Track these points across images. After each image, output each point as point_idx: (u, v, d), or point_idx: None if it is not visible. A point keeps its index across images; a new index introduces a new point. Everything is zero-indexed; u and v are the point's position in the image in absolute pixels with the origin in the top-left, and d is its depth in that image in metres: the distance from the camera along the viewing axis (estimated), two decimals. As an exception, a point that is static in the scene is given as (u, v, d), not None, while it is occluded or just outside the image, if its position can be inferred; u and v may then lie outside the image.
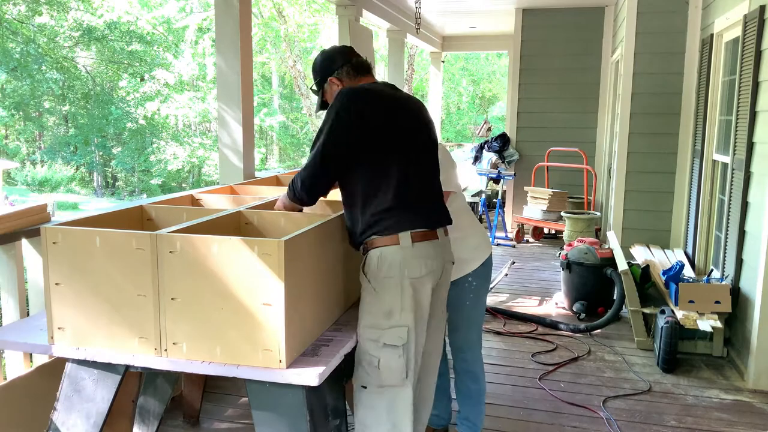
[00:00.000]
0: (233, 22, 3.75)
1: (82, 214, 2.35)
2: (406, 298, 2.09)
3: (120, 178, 22.67)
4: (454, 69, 21.96)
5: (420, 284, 2.12)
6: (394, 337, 2.08)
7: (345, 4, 5.99)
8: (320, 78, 2.30)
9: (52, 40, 18.44)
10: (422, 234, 2.11)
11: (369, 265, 2.12)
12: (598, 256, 4.69)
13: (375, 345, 2.09)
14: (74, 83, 19.91)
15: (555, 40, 7.76)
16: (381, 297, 2.10)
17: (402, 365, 2.08)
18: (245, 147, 3.91)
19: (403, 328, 2.09)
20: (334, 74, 2.26)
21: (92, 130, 20.20)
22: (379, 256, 2.10)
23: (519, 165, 8.03)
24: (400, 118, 2.16)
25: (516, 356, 3.98)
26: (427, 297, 2.15)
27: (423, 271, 2.11)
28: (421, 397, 2.41)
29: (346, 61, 2.27)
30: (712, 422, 3.14)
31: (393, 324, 2.08)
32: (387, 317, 2.09)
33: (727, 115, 4.46)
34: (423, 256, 2.11)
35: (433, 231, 2.15)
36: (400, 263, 2.08)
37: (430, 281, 2.15)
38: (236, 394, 3.34)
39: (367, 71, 2.29)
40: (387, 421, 2.12)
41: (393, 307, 2.09)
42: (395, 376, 2.09)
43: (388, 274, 2.09)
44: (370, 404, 2.13)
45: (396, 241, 2.08)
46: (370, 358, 2.10)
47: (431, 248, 2.14)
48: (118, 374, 2.03)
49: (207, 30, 17.20)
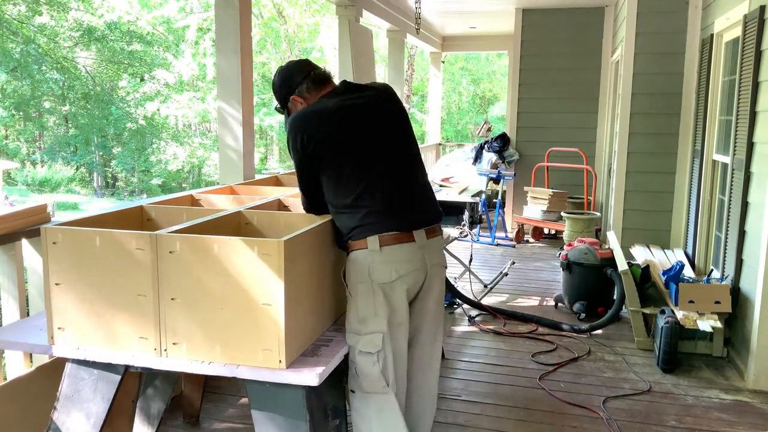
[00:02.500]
0: (233, 22, 3.75)
1: (82, 214, 2.35)
2: (379, 304, 2.05)
3: (120, 179, 22.66)
4: (454, 69, 21.96)
5: (390, 289, 2.06)
6: (369, 344, 2.04)
7: (345, 4, 5.99)
8: (282, 98, 2.27)
9: (52, 40, 18.44)
10: (393, 237, 2.05)
11: (346, 270, 2.12)
12: (598, 256, 4.69)
13: (353, 351, 2.08)
14: (74, 83, 19.90)
15: (555, 40, 7.76)
16: (356, 302, 2.08)
17: (377, 372, 2.05)
18: (245, 147, 3.91)
19: (378, 335, 2.05)
20: (295, 93, 2.22)
21: (92, 130, 20.20)
22: (352, 260, 2.09)
23: (519, 165, 8.03)
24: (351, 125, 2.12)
25: (516, 356, 3.98)
26: (402, 301, 2.10)
27: (392, 276, 2.05)
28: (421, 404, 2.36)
29: (304, 76, 2.22)
30: (712, 422, 3.14)
31: (369, 330, 2.05)
32: (363, 323, 2.06)
33: (727, 115, 4.46)
34: (392, 260, 2.05)
35: (408, 233, 2.08)
36: (369, 268, 2.05)
37: (403, 285, 2.09)
38: (236, 394, 3.34)
39: (327, 81, 2.24)
40: (378, 426, 2.09)
41: (367, 313, 2.06)
42: (374, 384, 2.06)
43: (359, 279, 2.07)
44: (360, 409, 2.12)
45: (365, 246, 2.05)
46: (352, 363, 2.09)
47: (403, 252, 2.07)
48: (118, 374, 2.03)
49: (207, 30, 17.21)
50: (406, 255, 2.07)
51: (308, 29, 17.59)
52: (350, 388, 2.13)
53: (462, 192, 7.52)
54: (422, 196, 2.21)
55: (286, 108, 2.27)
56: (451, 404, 3.29)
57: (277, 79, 2.28)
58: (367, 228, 2.04)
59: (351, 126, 2.12)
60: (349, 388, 2.14)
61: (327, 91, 2.22)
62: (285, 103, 2.27)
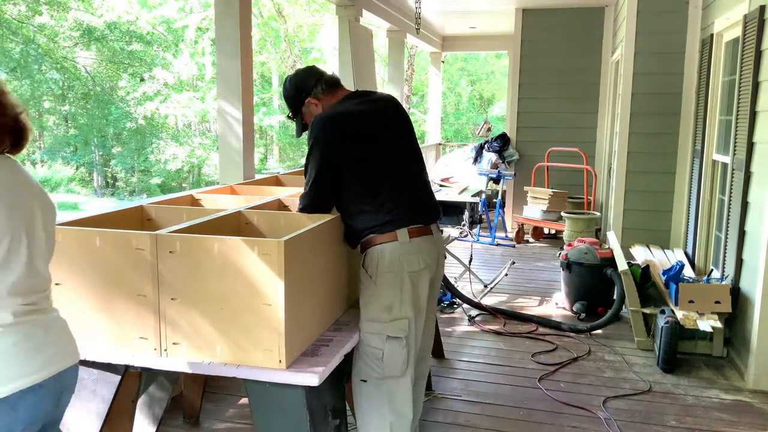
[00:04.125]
0: (233, 21, 3.75)
1: (82, 214, 2.35)
2: (406, 292, 2.20)
3: (120, 178, 22.65)
4: (453, 69, 21.96)
5: (418, 278, 2.23)
6: (397, 330, 2.19)
7: (345, 4, 5.99)
8: (296, 102, 2.36)
9: (52, 40, 18.43)
10: (418, 230, 2.23)
11: (370, 262, 2.22)
12: (598, 256, 4.69)
13: (378, 338, 2.19)
14: (74, 83, 19.89)
15: (555, 40, 7.75)
16: (381, 292, 2.20)
17: (404, 356, 2.20)
18: (245, 147, 3.91)
19: (404, 320, 2.20)
20: (311, 95, 2.33)
21: (92, 130, 20.18)
22: (380, 252, 2.20)
23: (519, 165, 8.03)
24: (376, 126, 2.26)
25: (516, 356, 3.98)
26: (425, 289, 2.26)
27: (421, 265, 2.22)
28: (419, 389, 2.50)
29: (317, 79, 2.34)
30: (712, 422, 3.14)
31: (394, 317, 2.19)
32: (387, 311, 2.19)
33: (727, 115, 4.46)
34: (419, 251, 2.22)
35: (427, 227, 2.27)
36: (400, 258, 2.19)
37: (428, 274, 2.26)
38: (236, 394, 3.34)
39: (338, 85, 2.38)
40: (389, 412, 2.22)
41: (393, 301, 2.19)
42: (397, 367, 2.20)
43: (389, 269, 2.19)
44: (371, 397, 2.23)
45: (395, 238, 2.19)
46: (373, 350, 2.19)
47: (426, 243, 2.25)
48: (118, 374, 2.03)
49: (206, 29, 17.20)
50: (428, 246, 2.27)
51: (308, 29, 17.58)
52: (360, 378, 2.23)
53: (462, 192, 7.52)
54: (430, 195, 2.40)
55: (300, 114, 2.38)
56: (451, 404, 3.29)
57: (290, 85, 2.38)
58: (397, 222, 2.20)
59: (376, 127, 2.27)
60: (359, 378, 2.24)
61: (342, 95, 2.34)
62: (299, 107, 2.36)
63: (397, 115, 2.38)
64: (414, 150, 2.39)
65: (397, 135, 2.34)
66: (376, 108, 2.32)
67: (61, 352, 1.54)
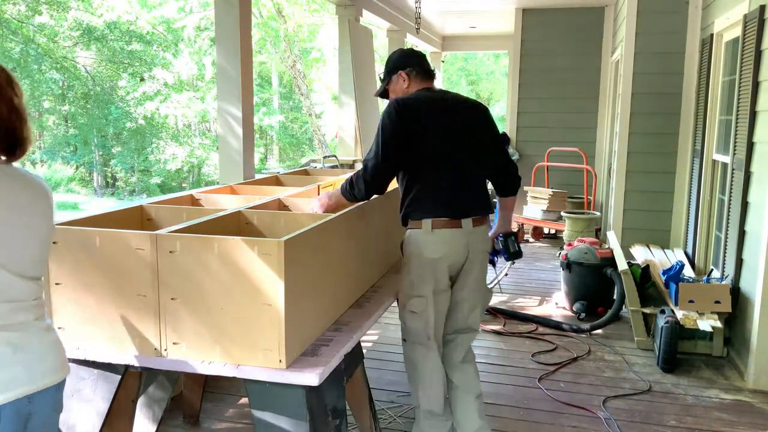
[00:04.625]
0: (233, 20, 3.75)
1: (82, 214, 2.35)
2: (426, 274, 2.47)
3: (120, 178, 22.64)
4: (453, 69, 21.95)
5: (435, 264, 2.46)
6: (414, 305, 2.51)
7: (345, 4, 5.99)
8: (392, 68, 2.61)
9: (51, 40, 18.42)
10: (444, 222, 2.44)
11: (405, 243, 2.54)
12: (598, 256, 4.69)
13: (403, 309, 2.56)
14: (74, 83, 19.87)
15: (555, 40, 7.75)
16: (408, 270, 2.52)
17: (421, 328, 2.52)
18: (245, 147, 3.91)
19: (422, 299, 2.49)
20: (406, 69, 2.57)
21: (92, 129, 20.17)
22: (408, 236, 2.52)
23: (519, 165, 7.96)
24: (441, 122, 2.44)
25: (516, 356, 3.98)
26: (444, 274, 2.50)
27: (438, 254, 2.45)
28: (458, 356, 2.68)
29: (419, 62, 2.60)
30: (712, 422, 3.14)
31: (415, 294, 2.50)
32: (412, 287, 2.51)
33: (727, 115, 4.46)
34: (440, 241, 2.45)
35: (456, 220, 2.46)
36: (420, 244, 2.46)
37: (446, 262, 2.48)
38: (236, 394, 3.33)
39: (431, 78, 2.61)
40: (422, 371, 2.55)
41: (416, 280, 2.49)
42: (418, 336, 2.54)
43: (415, 253, 2.48)
44: (409, 355, 2.59)
45: (420, 226, 2.46)
46: (403, 317, 2.58)
47: (450, 235, 2.46)
48: (118, 374, 2.03)
49: (206, 29, 17.19)
50: (451, 238, 2.46)
51: (308, 29, 17.57)
52: (402, 337, 2.62)
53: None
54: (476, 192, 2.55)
55: (389, 80, 2.62)
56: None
57: (397, 53, 2.66)
58: (425, 212, 2.45)
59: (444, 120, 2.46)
60: (402, 337, 2.62)
61: (428, 86, 2.58)
62: (392, 75, 2.60)
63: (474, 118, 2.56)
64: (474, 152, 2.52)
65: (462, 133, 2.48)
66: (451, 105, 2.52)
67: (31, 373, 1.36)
